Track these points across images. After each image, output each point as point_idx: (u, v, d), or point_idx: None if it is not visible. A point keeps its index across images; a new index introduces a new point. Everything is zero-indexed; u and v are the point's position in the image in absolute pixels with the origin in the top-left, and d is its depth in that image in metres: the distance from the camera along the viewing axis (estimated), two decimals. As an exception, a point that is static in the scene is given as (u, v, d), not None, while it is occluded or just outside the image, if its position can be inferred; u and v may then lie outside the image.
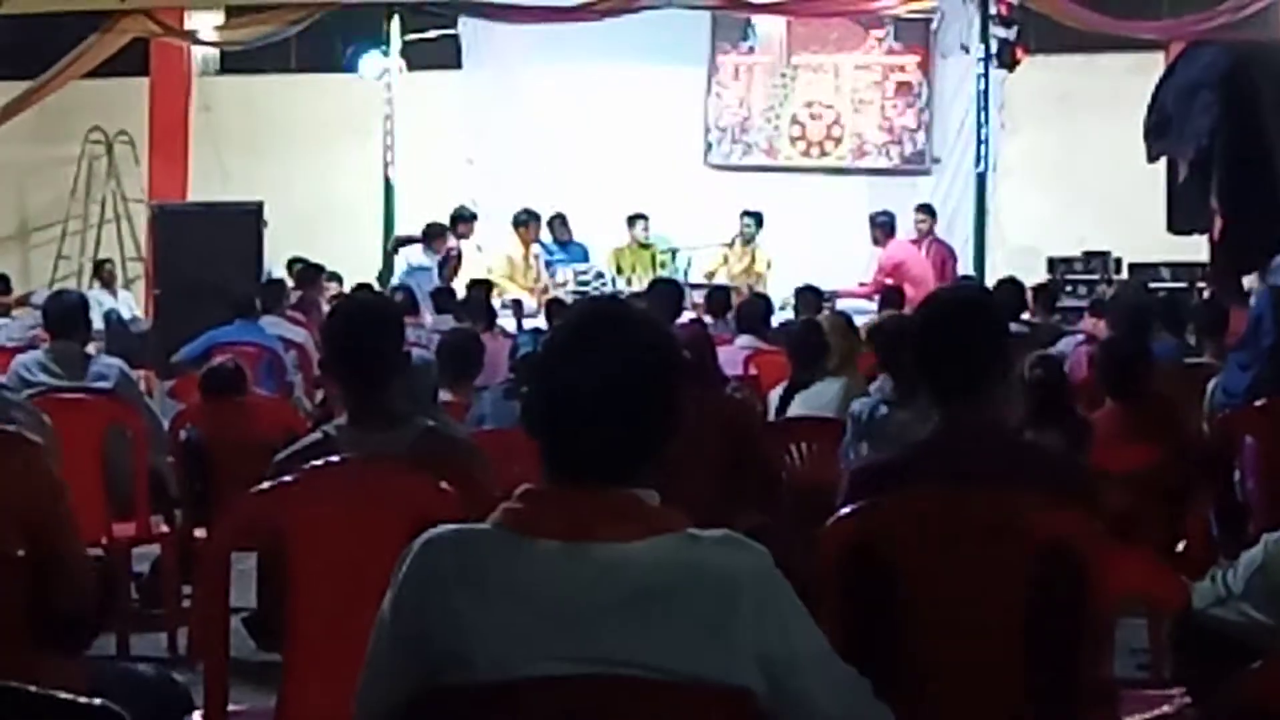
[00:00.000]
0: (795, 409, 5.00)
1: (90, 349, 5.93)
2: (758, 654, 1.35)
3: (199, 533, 4.39)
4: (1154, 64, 9.46)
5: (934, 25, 11.48)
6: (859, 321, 6.27)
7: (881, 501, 2.15)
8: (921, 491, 2.16)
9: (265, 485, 2.38)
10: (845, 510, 2.15)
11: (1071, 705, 2.08)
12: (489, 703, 1.36)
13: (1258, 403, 4.27)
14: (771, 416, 5.15)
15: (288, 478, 2.39)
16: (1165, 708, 2.44)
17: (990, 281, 8.55)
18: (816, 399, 4.93)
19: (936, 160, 11.60)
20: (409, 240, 10.45)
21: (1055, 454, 3.01)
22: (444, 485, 2.29)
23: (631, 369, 1.43)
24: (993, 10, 9.75)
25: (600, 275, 10.27)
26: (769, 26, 11.88)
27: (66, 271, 12.98)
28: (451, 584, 1.40)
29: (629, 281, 10.04)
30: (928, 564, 2.07)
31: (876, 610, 2.07)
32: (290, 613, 2.34)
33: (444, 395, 4.51)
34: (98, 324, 8.76)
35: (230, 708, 2.39)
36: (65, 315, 5.27)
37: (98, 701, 1.31)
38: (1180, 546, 3.99)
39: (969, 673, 2.08)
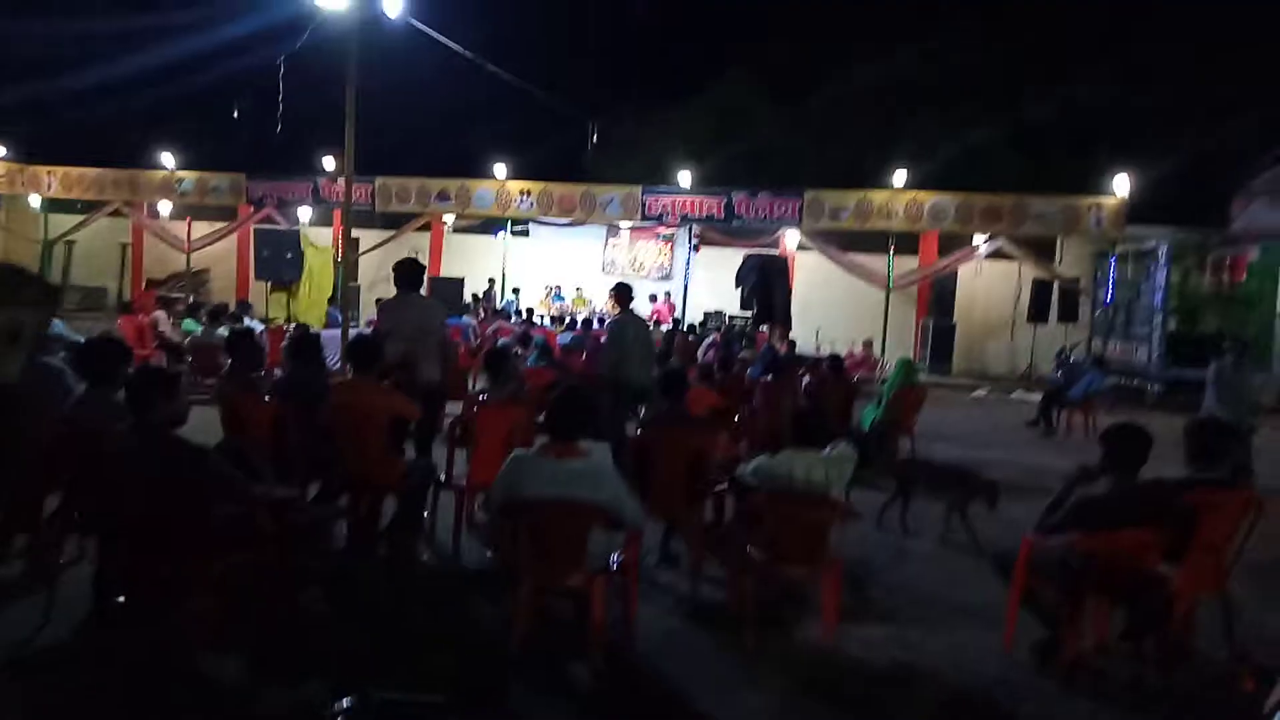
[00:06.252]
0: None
1: None
2: (608, 494, 4.74)
3: None
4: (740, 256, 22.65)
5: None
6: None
7: (645, 434, 6.68)
8: (655, 430, 6.70)
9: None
10: (636, 436, 6.63)
11: (701, 493, 6.42)
12: (525, 507, 4.72)
13: (763, 379, 11.45)
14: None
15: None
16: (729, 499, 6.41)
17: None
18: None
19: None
20: None
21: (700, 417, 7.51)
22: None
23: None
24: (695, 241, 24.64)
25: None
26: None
27: None
28: (524, 466, 4.76)
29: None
30: (648, 447, 6.41)
31: (647, 464, 6.32)
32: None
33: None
34: None
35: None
36: None
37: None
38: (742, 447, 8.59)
39: (667, 486, 6.31)
